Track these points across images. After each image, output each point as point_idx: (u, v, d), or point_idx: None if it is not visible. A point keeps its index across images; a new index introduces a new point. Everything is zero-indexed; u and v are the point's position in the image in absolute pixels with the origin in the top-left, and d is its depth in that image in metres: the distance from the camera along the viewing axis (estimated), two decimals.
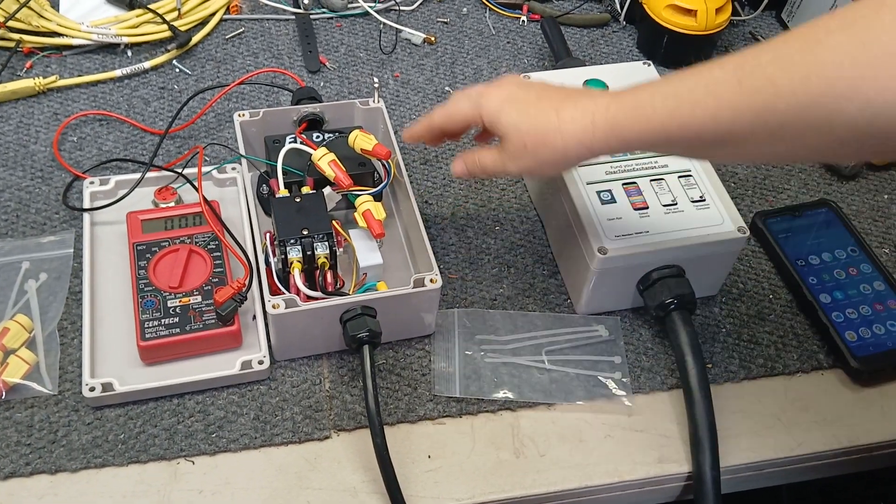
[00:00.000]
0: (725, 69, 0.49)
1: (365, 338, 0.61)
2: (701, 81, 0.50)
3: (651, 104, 0.52)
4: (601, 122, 0.55)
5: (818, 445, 0.65)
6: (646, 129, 0.53)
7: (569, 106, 0.56)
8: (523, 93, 0.60)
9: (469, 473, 0.62)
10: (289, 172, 0.69)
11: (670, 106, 0.51)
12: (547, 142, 0.57)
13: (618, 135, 0.54)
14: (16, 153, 0.78)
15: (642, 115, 0.53)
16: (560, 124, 0.56)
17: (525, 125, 0.58)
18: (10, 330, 0.64)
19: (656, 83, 0.54)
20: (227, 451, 0.61)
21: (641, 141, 0.54)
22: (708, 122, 0.50)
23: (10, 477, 0.59)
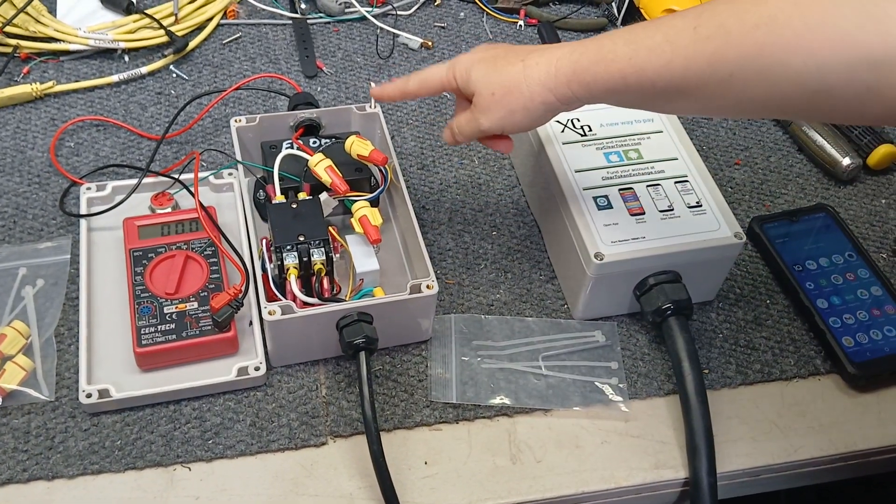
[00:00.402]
0: (686, 18, 0.51)
1: (361, 344, 0.61)
2: (661, 29, 0.52)
3: (612, 49, 0.54)
4: (564, 66, 0.56)
5: (815, 451, 0.65)
6: (604, 73, 0.54)
7: (535, 54, 0.58)
8: (492, 51, 0.62)
9: (466, 479, 0.62)
10: (285, 178, 0.70)
11: (629, 51, 0.53)
12: (513, 89, 0.58)
13: (579, 79, 0.56)
14: (13, 159, 0.78)
15: (602, 60, 0.54)
16: (525, 70, 0.58)
17: (493, 77, 0.60)
18: (7, 336, 0.64)
19: (620, 31, 0.56)
20: (224, 458, 0.61)
21: (600, 85, 0.55)
22: (662, 69, 0.51)
23: (6, 483, 0.59)
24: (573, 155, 0.72)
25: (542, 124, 0.62)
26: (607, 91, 0.56)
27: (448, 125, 0.66)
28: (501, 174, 0.82)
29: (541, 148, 0.73)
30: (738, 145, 0.87)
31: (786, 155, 0.87)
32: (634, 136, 0.74)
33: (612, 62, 0.54)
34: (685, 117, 0.89)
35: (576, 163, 0.72)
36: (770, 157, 0.86)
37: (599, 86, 0.55)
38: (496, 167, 0.82)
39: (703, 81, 0.50)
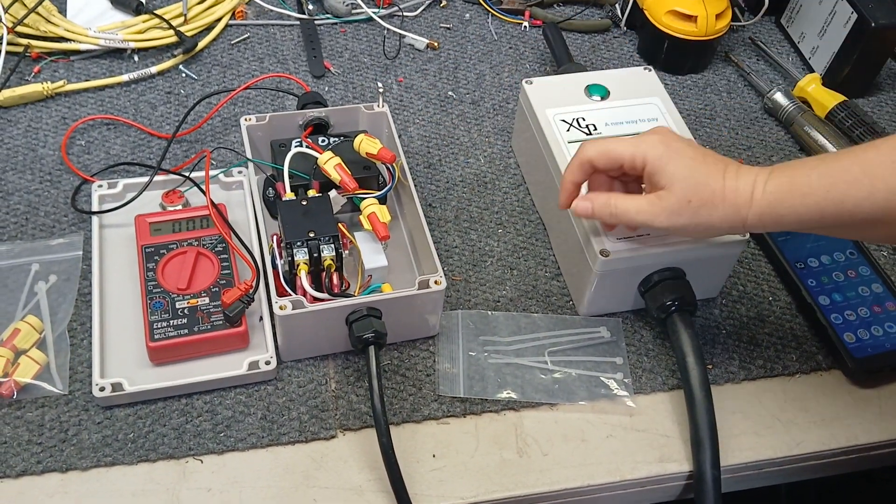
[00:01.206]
0: (880, 150, 0.52)
1: (371, 338, 0.62)
2: (856, 161, 0.53)
3: (807, 182, 0.54)
4: (759, 198, 0.56)
5: (817, 445, 0.66)
6: (800, 205, 0.54)
7: (732, 173, 0.58)
8: (689, 148, 0.60)
9: (473, 472, 0.63)
10: (295, 176, 0.70)
11: (826, 184, 0.53)
12: (711, 203, 0.57)
13: (773, 212, 0.56)
14: (25, 157, 0.79)
15: (797, 192, 0.55)
16: (725, 190, 0.57)
17: (694, 180, 0.58)
18: (21, 331, 0.65)
19: (810, 162, 0.56)
20: (235, 450, 0.62)
21: (794, 217, 0.55)
22: (863, 201, 0.52)
23: (21, 475, 0.60)
24: None
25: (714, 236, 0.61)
26: (800, 222, 0.56)
27: (590, 199, 0.63)
28: (507, 173, 0.83)
29: (546, 147, 0.74)
30: (741, 145, 0.88)
31: (787, 155, 0.88)
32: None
33: (808, 195, 0.54)
34: (689, 116, 0.90)
35: None
36: (772, 156, 0.87)
37: (792, 218, 0.55)
38: (502, 166, 0.83)
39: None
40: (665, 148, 0.60)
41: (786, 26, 1.01)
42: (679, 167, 0.58)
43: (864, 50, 0.89)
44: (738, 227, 0.58)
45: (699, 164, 0.58)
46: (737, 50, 0.99)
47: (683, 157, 0.59)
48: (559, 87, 0.79)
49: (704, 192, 0.57)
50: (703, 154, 0.60)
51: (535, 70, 0.94)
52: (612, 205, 0.62)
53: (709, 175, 0.58)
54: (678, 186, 0.58)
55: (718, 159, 0.59)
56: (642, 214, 0.60)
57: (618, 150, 0.61)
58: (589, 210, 0.63)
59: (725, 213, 0.57)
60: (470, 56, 0.95)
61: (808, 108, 0.90)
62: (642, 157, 0.60)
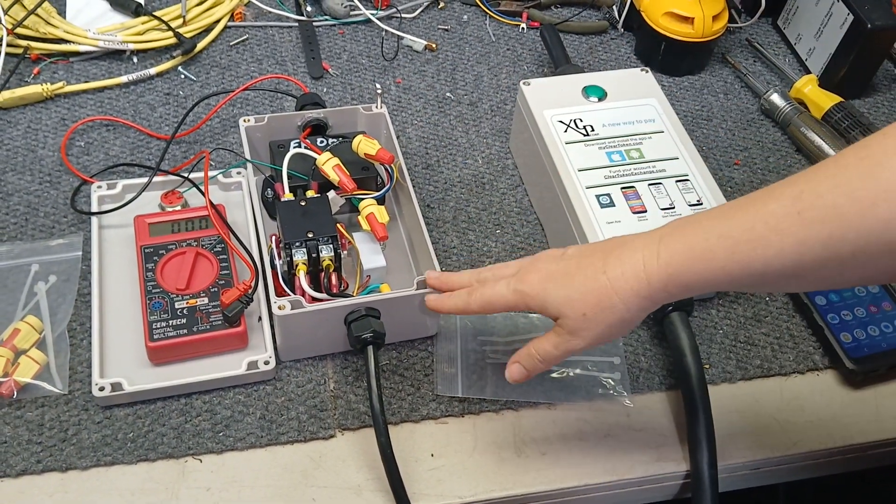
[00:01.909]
0: (782, 202, 0.48)
1: (369, 338, 0.62)
2: (757, 217, 0.49)
3: (706, 247, 0.50)
4: (655, 272, 0.52)
5: (814, 445, 0.67)
6: (705, 271, 0.51)
7: (613, 262, 0.54)
8: (562, 265, 0.57)
9: (472, 472, 0.63)
10: (294, 177, 0.71)
11: (728, 246, 0.49)
12: (605, 304, 0.54)
13: (677, 282, 0.52)
14: (24, 158, 0.80)
15: (699, 259, 0.51)
16: (611, 283, 0.54)
17: (576, 295, 0.55)
18: (21, 331, 0.65)
19: (703, 219, 0.52)
20: (234, 450, 0.62)
21: (701, 284, 0.52)
22: (772, 259, 0.48)
23: (21, 475, 0.60)
24: (576, 154, 0.74)
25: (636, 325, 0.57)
26: (709, 287, 0.52)
27: (516, 361, 0.60)
28: (505, 174, 0.83)
29: (544, 148, 0.75)
30: (738, 146, 0.88)
31: (784, 155, 0.88)
32: (636, 135, 0.76)
33: (711, 261, 0.50)
34: (686, 117, 0.90)
35: (579, 162, 0.73)
36: (769, 157, 0.88)
37: (700, 285, 0.52)
38: (500, 167, 0.84)
39: (821, 264, 0.47)
40: (540, 282, 0.57)
41: (782, 28, 1.01)
42: (556, 292, 0.56)
43: (860, 51, 0.89)
44: (649, 307, 0.54)
45: (574, 276, 0.55)
46: (734, 51, 0.99)
47: (558, 279, 0.56)
48: (557, 89, 0.79)
49: (591, 299, 0.54)
50: (577, 264, 0.56)
51: (532, 71, 0.95)
52: (537, 353, 0.59)
53: (587, 280, 0.55)
54: (565, 310, 0.55)
55: (598, 254, 0.56)
56: (560, 346, 0.57)
57: (500, 301, 0.59)
58: (523, 373, 0.60)
59: (627, 303, 0.53)
60: (468, 57, 0.95)
61: (805, 110, 0.90)
62: (524, 303, 0.58)
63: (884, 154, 0.44)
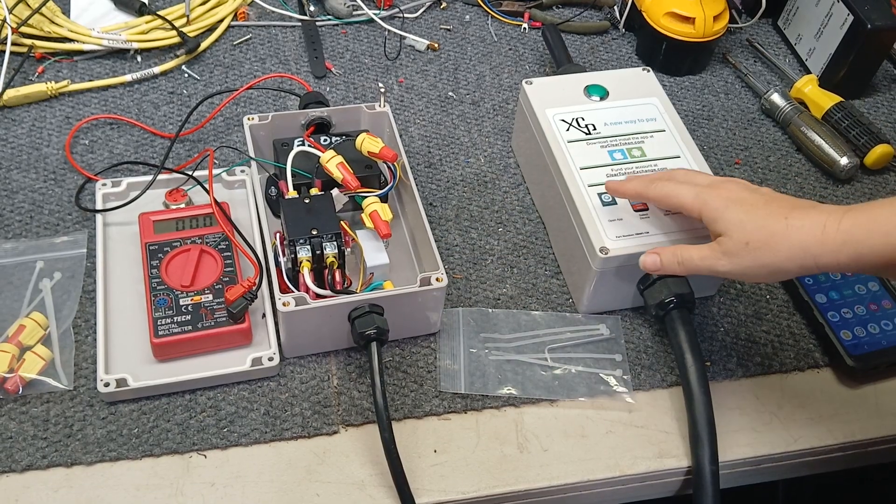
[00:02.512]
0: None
1: (373, 335, 0.63)
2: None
3: (890, 220, 0.53)
4: (832, 234, 0.54)
5: (814, 441, 0.67)
6: (882, 245, 0.53)
7: (798, 214, 0.57)
8: (751, 196, 0.60)
9: (474, 467, 0.63)
10: (297, 175, 0.71)
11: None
12: (771, 243, 0.57)
13: (850, 249, 0.54)
14: (29, 156, 0.80)
15: (879, 231, 0.53)
16: (788, 230, 0.56)
17: (750, 224, 0.58)
18: (26, 327, 0.65)
19: (885, 201, 0.55)
20: (238, 446, 0.63)
21: (874, 257, 0.53)
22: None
23: (27, 470, 0.60)
24: (578, 153, 0.74)
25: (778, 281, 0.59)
26: (880, 261, 0.54)
27: (657, 252, 0.64)
28: (507, 172, 0.84)
29: (546, 146, 0.75)
30: (738, 145, 0.89)
31: (784, 155, 0.88)
32: (638, 134, 0.76)
33: (891, 234, 0.52)
34: (687, 117, 0.90)
35: (580, 160, 0.74)
36: (769, 156, 0.88)
37: (872, 257, 0.54)
38: (502, 165, 0.84)
39: None
40: (725, 199, 0.60)
41: (783, 28, 1.02)
42: (735, 213, 0.59)
43: (860, 51, 0.90)
44: (810, 265, 0.56)
45: (758, 209, 0.59)
46: (734, 51, 0.99)
47: (742, 204, 0.60)
48: (559, 88, 0.80)
49: (762, 234, 0.57)
50: (766, 200, 0.60)
51: (534, 71, 0.95)
52: (678, 255, 0.63)
53: (768, 217, 0.58)
54: (734, 231, 0.59)
55: (786, 203, 0.59)
56: (706, 260, 0.61)
57: (679, 199, 0.63)
58: (658, 263, 0.64)
59: (791, 252, 0.56)
60: (470, 57, 0.96)
61: (805, 109, 0.90)
62: (700, 210, 0.61)
63: None
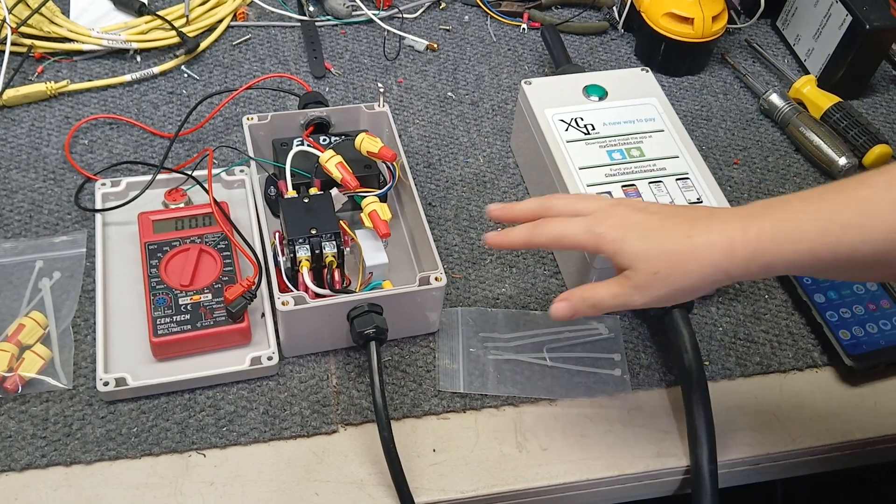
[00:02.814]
0: (875, 188, 0.48)
1: (372, 334, 0.63)
2: (850, 201, 0.49)
3: (797, 227, 0.50)
4: (741, 248, 0.52)
5: (813, 441, 0.67)
6: (791, 252, 0.51)
7: (700, 228, 0.54)
8: (644, 218, 0.56)
9: (473, 466, 0.63)
10: (297, 174, 0.71)
11: (819, 228, 0.50)
12: (680, 267, 0.53)
13: (761, 260, 0.52)
14: (28, 155, 0.80)
15: (787, 240, 0.51)
16: (695, 249, 0.53)
17: (654, 251, 0.54)
18: (26, 326, 0.65)
19: (794, 200, 0.52)
20: (238, 445, 0.63)
21: (785, 264, 0.51)
22: (860, 244, 0.48)
23: (26, 469, 0.60)
24: (577, 153, 0.74)
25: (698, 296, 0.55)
26: (791, 268, 0.52)
27: (566, 298, 0.58)
28: (506, 172, 0.84)
29: (545, 146, 0.75)
30: (737, 145, 0.89)
31: (783, 155, 0.89)
32: (636, 134, 0.76)
33: (800, 241, 0.50)
34: (685, 117, 0.91)
35: (579, 160, 0.74)
36: (768, 156, 0.88)
37: (783, 265, 0.52)
38: (501, 166, 0.84)
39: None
40: (619, 228, 0.56)
41: (781, 29, 1.02)
42: (635, 243, 0.55)
43: (858, 52, 0.90)
44: (723, 280, 0.54)
45: (657, 232, 0.55)
46: (733, 52, 1.00)
47: (640, 230, 0.55)
48: (558, 88, 0.80)
49: (669, 260, 0.54)
50: (661, 219, 0.56)
51: (533, 71, 0.95)
52: (588, 298, 0.57)
53: (670, 238, 0.54)
54: (639, 263, 0.55)
55: (683, 218, 0.55)
56: (618, 298, 0.56)
57: (571, 238, 0.58)
58: (569, 310, 0.58)
59: (702, 272, 0.53)
60: (469, 57, 0.96)
61: (804, 110, 0.90)
62: (597, 246, 0.57)
63: None
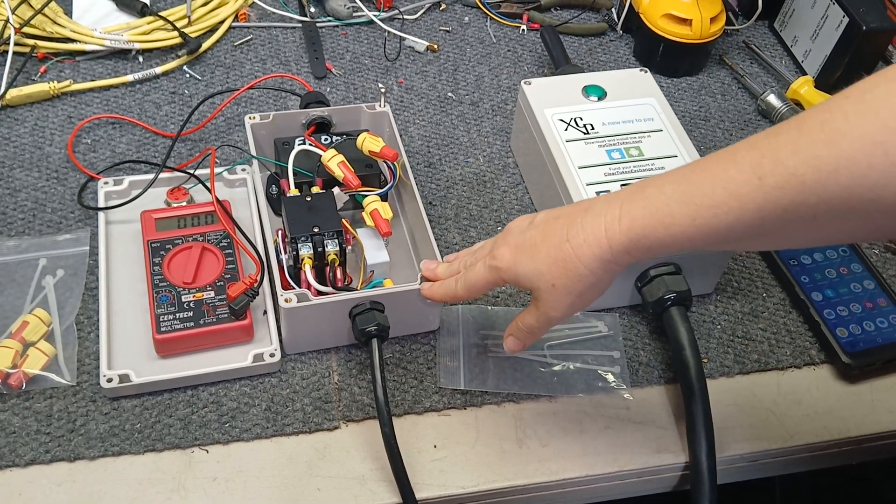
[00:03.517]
0: (741, 167, 0.47)
1: (374, 331, 0.63)
2: (717, 183, 0.48)
3: (667, 212, 0.51)
4: (617, 238, 0.53)
5: (810, 437, 0.68)
6: (665, 236, 0.51)
7: (576, 230, 0.55)
8: (528, 236, 0.58)
9: (474, 463, 0.64)
10: (298, 173, 0.72)
11: (689, 212, 0.50)
12: (570, 273, 0.55)
13: (638, 246, 0.52)
14: (31, 155, 0.81)
15: (658, 224, 0.51)
16: (574, 250, 0.54)
17: (543, 267, 0.56)
18: (30, 323, 0.66)
19: (665, 182, 0.52)
20: (240, 441, 0.63)
21: (663, 247, 0.52)
22: (733, 223, 0.48)
23: (30, 464, 0.61)
24: (576, 152, 0.75)
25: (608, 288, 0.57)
26: (670, 249, 0.52)
27: (509, 332, 0.63)
28: (506, 172, 0.84)
29: (545, 146, 0.76)
30: None
31: None
32: (636, 134, 0.77)
33: (671, 226, 0.51)
34: (684, 118, 0.91)
35: (579, 160, 0.74)
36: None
37: (661, 248, 0.52)
38: (501, 165, 0.85)
39: (782, 227, 0.47)
40: (510, 255, 0.58)
41: (779, 30, 1.03)
42: (525, 265, 0.57)
43: (855, 53, 0.91)
44: (615, 269, 0.55)
45: (540, 247, 0.56)
46: (731, 53, 1.00)
47: (525, 250, 0.57)
48: (557, 88, 0.80)
49: (557, 269, 0.55)
50: (543, 231, 0.57)
51: (532, 72, 0.96)
52: (522, 327, 0.61)
53: (552, 250, 0.55)
54: (537, 282, 0.57)
55: (562, 222, 0.56)
56: (540, 319, 0.59)
57: (481, 282, 0.61)
58: (518, 344, 0.63)
59: (591, 268, 0.54)
60: (469, 58, 0.96)
61: (802, 110, 0.91)
62: (500, 278, 0.59)
63: (844, 120, 0.43)
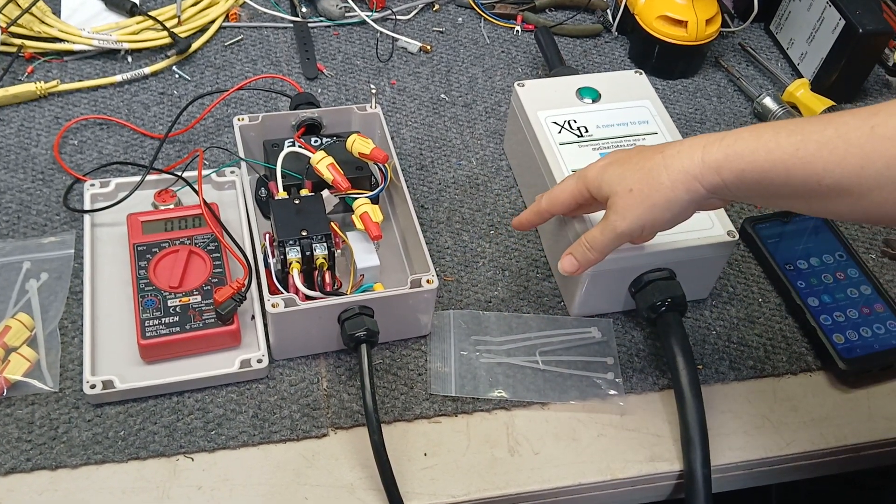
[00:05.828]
0: (858, 116, 0.48)
1: (363, 336, 0.62)
2: (830, 124, 0.49)
3: (774, 139, 0.51)
4: (713, 153, 0.52)
5: (807, 445, 0.67)
6: (764, 161, 0.51)
7: (673, 145, 0.55)
8: (625, 153, 0.59)
9: (465, 471, 0.63)
10: (288, 175, 0.71)
11: (795, 142, 0.50)
12: (653, 181, 0.54)
13: (732, 166, 0.52)
14: (17, 156, 0.79)
15: (761, 148, 0.51)
16: (664, 160, 0.54)
17: (629, 172, 0.56)
18: (12, 328, 0.65)
19: (779, 122, 0.52)
20: (226, 448, 0.62)
21: (757, 174, 0.51)
22: (833, 165, 0.48)
23: (10, 472, 0.59)
24: (570, 155, 0.74)
25: (684, 220, 0.57)
26: (763, 181, 0.51)
27: (568, 252, 0.62)
28: (499, 175, 0.83)
29: (538, 149, 0.75)
30: None
31: None
32: (630, 137, 0.76)
33: (773, 151, 0.50)
34: (679, 120, 0.90)
35: (573, 163, 0.73)
36: None
37: (755, 175, 0.51)
38: (494, 168, 0.84)
39: (878, 183, 0.47)
40: (600, 166, 0.59)
41: (775, 32, 1.02)
42: (613, 171, 0.58)
43: (851, 56, 0.90)
44: (697, 189, 0.54)
45: (632, 158, 0.57)
46: (727, 55, 0.99)
47: (617, 162, 0.58)
48: (551, 90, 0.79)
49: (640, 175, 0.55)
50: (639, 149, 0.58)
51: (526, 74, 0.95)
52: (584, 242, 0.61)
53: (643, 159, 0.56)
54: (616, 185, 0.57)
55: (659, 146, 0.57)
56: (606, 229, 0.59)
57: (565, 191, 0.62)
58: (573, 261, 0.62)
59: (674, 181, 0.54)
60: (462, 59, 0.95)
61: (797, 113, 0.90)
62: (584, 187, 0.60)
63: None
